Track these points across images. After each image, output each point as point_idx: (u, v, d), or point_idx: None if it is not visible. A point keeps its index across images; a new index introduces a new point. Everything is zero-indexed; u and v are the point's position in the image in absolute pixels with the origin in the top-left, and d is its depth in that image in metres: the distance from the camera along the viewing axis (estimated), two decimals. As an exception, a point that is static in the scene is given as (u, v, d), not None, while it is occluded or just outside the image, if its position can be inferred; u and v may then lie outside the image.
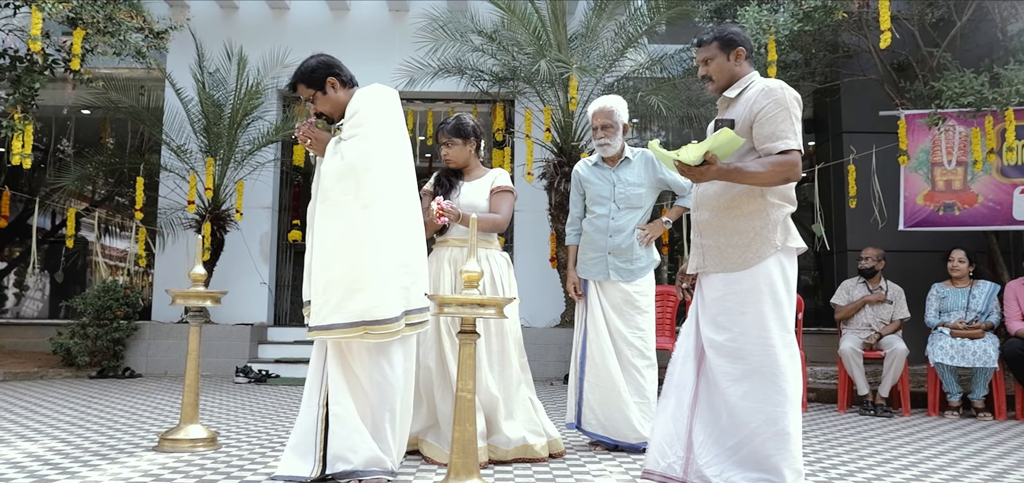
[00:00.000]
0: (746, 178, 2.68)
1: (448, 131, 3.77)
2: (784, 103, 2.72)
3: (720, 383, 2.74)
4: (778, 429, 2.63)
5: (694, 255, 2.95)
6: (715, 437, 2.75)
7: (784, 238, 2.76)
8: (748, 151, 2.78)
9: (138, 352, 8.36)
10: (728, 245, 2.78)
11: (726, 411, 2.73)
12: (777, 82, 2.80)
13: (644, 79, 8.46)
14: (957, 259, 6.04)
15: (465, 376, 2.71)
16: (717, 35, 2.91)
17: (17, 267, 11.76)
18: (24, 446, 3.82)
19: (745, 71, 2.91)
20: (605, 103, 4.00)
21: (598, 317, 3.93)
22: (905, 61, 7.63)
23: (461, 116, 3.82)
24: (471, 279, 2.73)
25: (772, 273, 2.73)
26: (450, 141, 3.76)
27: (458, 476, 2.66)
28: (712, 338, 2.79)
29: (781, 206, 2.77)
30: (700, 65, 2.97)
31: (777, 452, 2.62)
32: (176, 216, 9.06)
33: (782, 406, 2.65)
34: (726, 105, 2.92)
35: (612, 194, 3.99)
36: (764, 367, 2.67)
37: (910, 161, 6.92)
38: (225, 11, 9.64)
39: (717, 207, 2.82)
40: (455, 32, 8.45)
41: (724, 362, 2.74)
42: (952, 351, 5.69)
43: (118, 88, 8.96)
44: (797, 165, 2.69)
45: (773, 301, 2.71)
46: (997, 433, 4.95)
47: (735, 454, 2.69)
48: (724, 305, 2.77)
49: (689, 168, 2.64)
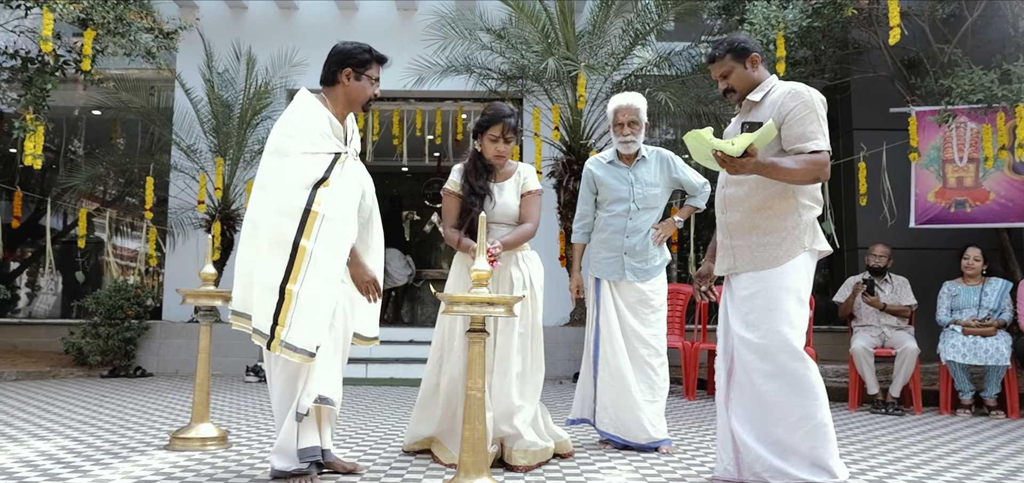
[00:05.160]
0: (780, 173, 2.71)
1: (512, 127, 3.47)
2: (812, 105, 2.79)
3: (755, 380, 2.79)
4: (816, 422, 2.71)
5: (723, 257, 2.97)
6: (755, 433, 2.81)
7: (812, 240, 2.83)
8: (777, 152, 2.81)
9: (149, 351, 8.41)
10: (760, 244, 2.83)
11: (763, 407, 2.78)
12: (802, 85, 2.86)
13: (652, 76, 8.44)
14: (972, 257, 5.99)
15: (474, 375, 2.71)
16: (729, 47, 2.96)
17: (29, 267, 11.84)
18: (37, 445, 3.85)
19: (764, 75, 2.98)
20: (631, 100, 3.94)
21: (612, 317, 3.91)
22: (916, 57, 7.58)
23: (514, 110, 3.55)
24: (480, 278, 2.73)
25: (800, 272, 2.79)
26: (510, 138, 3.47)
27: (468, 474, 2.67)
28: (743, 336, 2.83)
29: (811, 208, 2.84)
30: (718, 80, 3.01)
31: (820, 444, 2.70)
32: (186, 216, 9.11)
33: (815, 400, 2.72)
34: (750, 108, 2.96)
35: (631, 194, 3.94)
36: (789, 363, 2.74)
37: (921, 158, 6.87)
38: (234, 11, 9.68)
39: (749, 208, 2.86)
40: (463, 30, 8.45)
41: (756, 359, 2.80)
42: (964, 349, 5.65)
43: (128, 88, 9.02)
44: (827, 165, 2.75)
45: (797, 300, 2.79)
46: (1009, 432, 4.92)
47: (778, 446, 2.75)
48: (753, 303, 2.82)
49: (730, 160, 2.64)
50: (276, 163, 2.90)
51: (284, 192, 2.84)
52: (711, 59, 3.01)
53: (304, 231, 2.80)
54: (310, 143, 2.90)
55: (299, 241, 2.79)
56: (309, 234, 2.80)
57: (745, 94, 2.97)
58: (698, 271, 3.25)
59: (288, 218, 2.81)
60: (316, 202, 2.83)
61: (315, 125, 2.93)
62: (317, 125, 2.93)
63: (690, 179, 4.04)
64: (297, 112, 2.96)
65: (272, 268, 2.79)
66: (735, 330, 2.88)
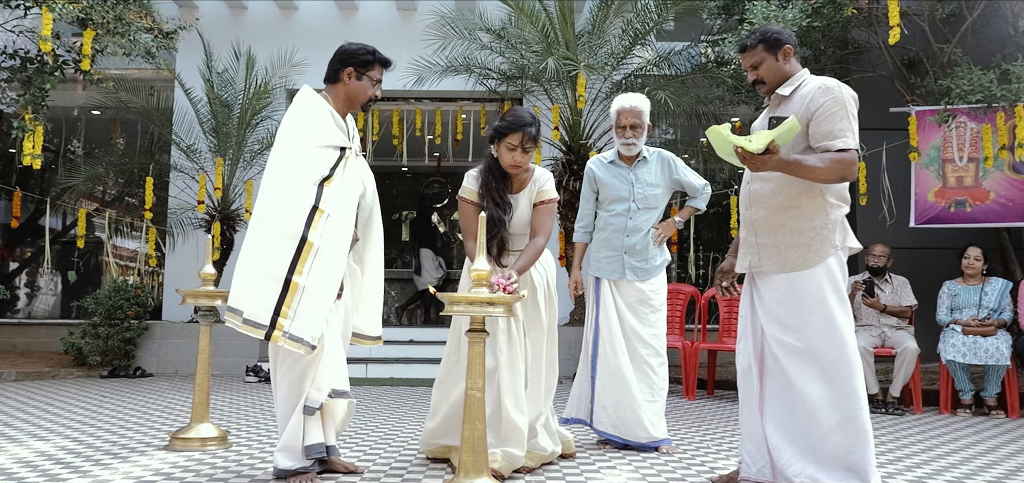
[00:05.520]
0: (804, 171, 2.65)
1: (532, 137, 3.23)
2: (842, 101, 2.71)
3: (795, 384, 2.72)
4: (858, 426, 2.65)
5: (746, 253, 2.90)
6: (791, 437, 2.74)
7: (842, 238, 2.77)
8: (804, 149, 2.75)
9: (149, 352, 8.40)
10: (787, 244, 2.76)
11: (802, 410, 2.71)
12: (834, 80, 2.78)
13: (651, 76, 8.44)
14: (973, 257, 5.99)
15: (474, 375, 2.71)
16: (761, 37, 2.87)
17: (29, 267, 11.84)
18: (37, 445, 3.84)
19: (795, 68, 2.89)
20: (635, 102, 3.92)
21: (612, 316, 3.91)
22: (916, 57, 7.58)
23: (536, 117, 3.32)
24: (480, 278, 2.72)
25: (834, 272, 2.73)
26: (529, 147, 3.25)
27: (468, 474, 2.67)
28: (781, 339, 2.76)
29: (839, 206, 2.77)
30: (748, 71, 2.93)
31: (859, 449, 2.64)
32: (186, 216, 9.11)
33: (858, 403, 2.66)
34: (779, 102, 2.89)
35: (631, 194, 3.95)
36: (838, 366, 2.67)
37: (921, 158, 6.87)
38: (233, 11, 9.67)
39: (774, 206, 2.79)
40: (463, 30, 8.45)
41: (795, 362, 2.73)
42: (964, 348, 5.65)
43: (128, 88, 9.01)
44: (854, 164, 2.69)
45: (838, 299, 2.72)
46: (1010, 431, 4.92)
47: (814, 452, 2.69)
48: (790, 306, 2.75)
49: (751, 157, 2.57)
50: (286, 157, 2.95)
51: (294, 186, 2.89)
52: (742, 48, 2.92)
53: (311, 226, 2.85)
54: (317, 137, 2.95)
55: (306, 235, 2.83)
56: (315, 229, 2.85)
57: (775, 87, 2.88)
58: (720, 267, 3.17)
59: (297, 211, 2.86)
60: (322, 199, 2.88)
61: (320, 119, 2.98)
62: (322, 119, 2.98)
63: (691, 180, 4.04)
64: (301, 108, 3.01)
65: (279, 259, 2.82)
66: (771, 333, 2.80)
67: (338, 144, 2.99)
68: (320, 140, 2.95)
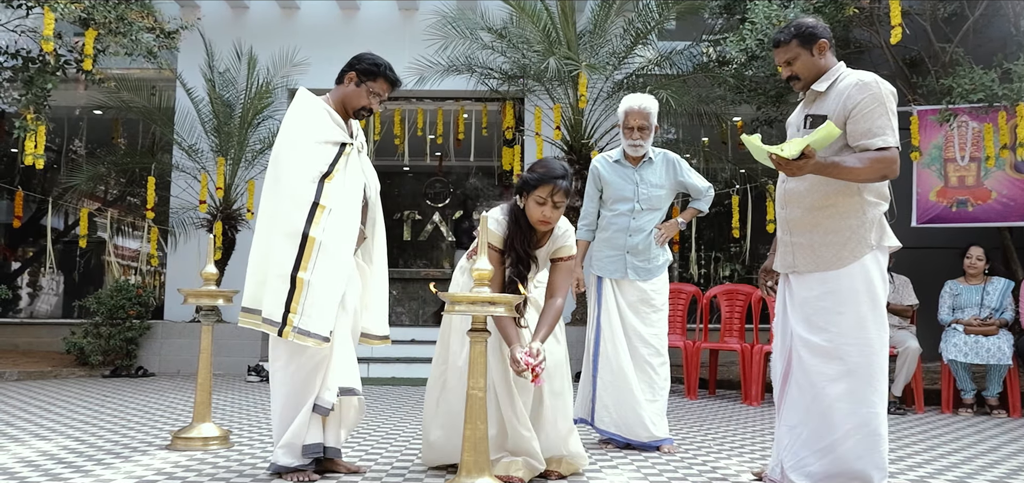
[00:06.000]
0: (843, 173, 2.59)
1: (564, 190, 2.93)
2: (881, 98, 2.64)
3: (816, 383, 2.68)
4: (871, 430, 2.61)
5: (783, 253, 2.85)
6: (805, 439, 2.70)
7: (879, 237, 2.70)
8: (841, 148, 2.68)
9: (151, 351, 8.41)
10: (822, 243, 2.70)
11: (819, 413, 2.67)
12: (871, 75, 2.70)
13: (653, 75, 8.44)
14: (975, 256, 5.98)
15: (475, 375, 2.70)
16: (795, 32, 2.79)
17: (31, 267, 11.86)
18: (39, 445, 3.85)
19: (831, 63, 2.81)
20: (644, 103, 3.90)
21: (613, 316, 3.91)
22: (917, 57, 7.57)
23: (568, 170, 3.04)
24: (482, 277, 2.72)
25: (870, 272, 2.66)
26: (560, 202, 2.95)
27: (470, 474, 2.66)
28: (807, 338, 2.71)
29: (877, 204, 2.70)
30: (781, 67, 2.85)
31: (867, 453, 2.61)
32: (188, 216, 9.11)
33: (876, 407, 2.63)
34: (814, 98, 2.82)
35: (635, 194, 3.94)
36: (862, 368, 2.63)
37: (922, 157, 6.87)
38: (235, 11, 9.68)
39: (810, 205, 2.72)
40: (465, 29, 8.45)
41: (819, 362, 2.67)
42: (966, 348, 5.65)
43: (130, 88, 9.02)
44: (895, 162, 2.61)
45: (871, 301, 2.66)
46: (1011, 431, 4.91)
47: (825, 456, 2.65)
48: (820, 305, 2.69)
49: (786, 162, 2.51)
50: (284, 157, 3.00)
51: (293, 184, 2.93)
52: (776, 43, 2.83)
53: (313, 222, 2.88)
54: (313, 133, 2.99)
55: (308, 232, 2.87)
56: (317, 224, 2.89)
57: (810, 83, 2.80)
58: (763, 266, 3.12)
59: (298, 209, 2.89)
60: (323, 195, 2.92)
61: (315, 116, 3.03)
62: (317, 116, 3.03)
63: (695, 183, 4.05)
64: (297, 108, 3.06)
65: (284, 257, 2.87)
66: (796, 332, 2.74)
67: (336, 139, 3.02)
68: (316, 136, 2.99)
